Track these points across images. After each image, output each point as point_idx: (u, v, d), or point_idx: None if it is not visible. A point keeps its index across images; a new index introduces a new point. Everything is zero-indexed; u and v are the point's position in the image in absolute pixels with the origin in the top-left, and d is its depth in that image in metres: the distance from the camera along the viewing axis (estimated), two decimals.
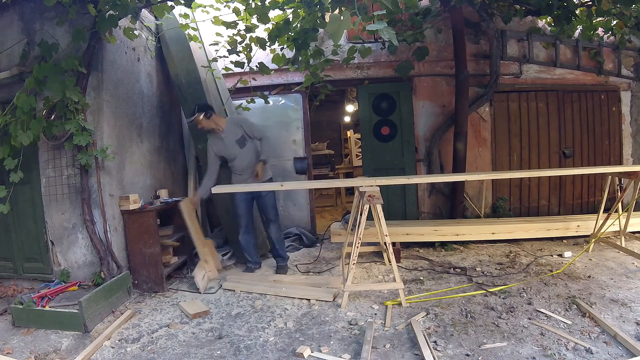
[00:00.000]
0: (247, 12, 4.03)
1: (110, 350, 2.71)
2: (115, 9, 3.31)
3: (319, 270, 4.22)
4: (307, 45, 4.10)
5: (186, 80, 4.38)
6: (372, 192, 3.16)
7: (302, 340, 2.71)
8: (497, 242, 4.69)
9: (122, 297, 3.44)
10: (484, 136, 5.31)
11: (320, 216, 7.01)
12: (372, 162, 5.45)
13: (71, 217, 3.68)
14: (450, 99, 5.13)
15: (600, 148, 5.59)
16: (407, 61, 4.75)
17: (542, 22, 5.33)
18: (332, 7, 3.32)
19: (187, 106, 4.40)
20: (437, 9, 4.75)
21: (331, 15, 2.47)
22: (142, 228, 3.72)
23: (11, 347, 2.78)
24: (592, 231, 4.30)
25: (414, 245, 4.79)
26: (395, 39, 2.47)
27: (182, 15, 4.39)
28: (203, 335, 2.87)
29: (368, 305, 3.20)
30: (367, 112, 5.45)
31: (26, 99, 3.36)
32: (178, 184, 5.08)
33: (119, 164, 3.85)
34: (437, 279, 3.76)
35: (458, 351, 2.45)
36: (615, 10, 4.31)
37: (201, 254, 4.05)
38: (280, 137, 5.56)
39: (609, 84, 5.52)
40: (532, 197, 5.48)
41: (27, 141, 3.35)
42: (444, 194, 5.23)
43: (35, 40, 3.60)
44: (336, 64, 4.91)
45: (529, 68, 5.32)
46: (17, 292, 3.78)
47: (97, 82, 3.66)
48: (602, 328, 2.59)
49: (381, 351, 2.51)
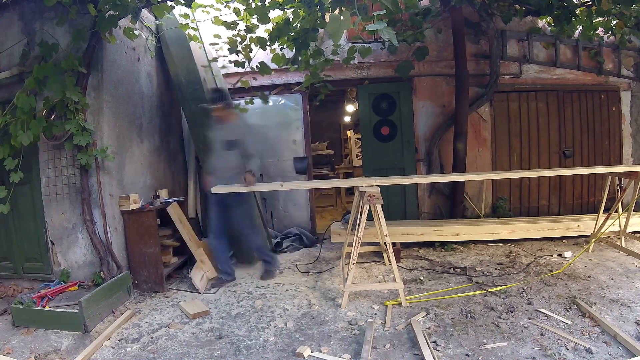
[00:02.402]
0: (247, 12, 4.03)
1: (110, 350, 2.71)
2: (115, 9, 3.31)
3: (319, 270, 4.22)
4: (307, 45, 4.10)
5: (186, 80, 4.38)
6: (372, 192, 3.16)
7: (302, 340, 2.71)
8: (497, 242, 4.69)
9: (122, 297, 3.44)
10: (484, 136, 5.31)
11: (320, 216, 7.01)
12: (372, 162, 5.45)
13: (71, 217, 3.68)
14: (450, 99, 5.13)
15: (600, 148, 5.59)
16: (407, 61, 4.75)
17: (542, 22, 5.33)
18: (332, 7, 3.32)
19: (187, 106, 4.40)
20: (437, 9, 4.75)
21: (331, 15, 2.46)
22: (142, 228, 3.73)
23: (11, 347, 2.78)
24: (592, 231, 4.30)
25: (414, 245, 4.79)
26: (395, 39, 2.47)
27: (182, 15, 4.39)
28: (203, 335, 2.87)
29: (368, 305, 3.20)
30: (367, 112, 5.45)
31: (26, 99, 3.36)
32: (178, 184, 5.08)
33: (119, 164, 3.85)
34: (437, 279, 3.76)
35: (458, 351, 2.45)
36: (615, 10, 4.31)
37: (196, 255, 4.06)
38: (280, 137, 5.56)
39: (609, 84, 5.52)
40: (532, 197, 5.48)
41: (27, 141, 3.35)
42: (444, 194, 5.23)
43: (35, 40, 3.60)
44: (336, 64, 4.91)
45: (529, 68, 5.32)
46: (17, 292, 3.77)
47: (97, 82, 3.66)
48: (602, 328, 2.59)
49: (381, 351, 2.51)
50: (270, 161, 5.58)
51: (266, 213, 5.52)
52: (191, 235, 4.15)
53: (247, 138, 3.88)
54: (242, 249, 4.36)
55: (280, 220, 5.65)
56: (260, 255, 4.18)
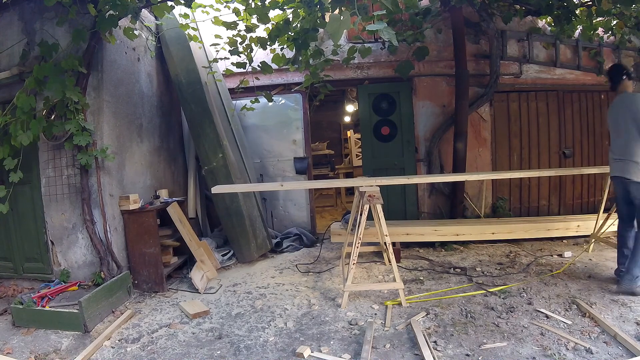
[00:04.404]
0: (247, 12, 4.02)
1: (110, 350, 2.71)
2: (115, 9, 3.31)
3: (319, 270, 4.22)
4: (307, 45, 4.10)
5: (186, 80, 4.38)
6: (372, 192, 3.16)
7: (302, 340, 2.71)
8: (497, 242, 4.69)
9: (122, 297, 3.44)
10: (484, 136, 5.31)
11: (320, 216, 7.01)
12: (372, 162, 5.45)
13: (71, 217, 3.68)
14: (450, 99, 5.13)
15: (600, 148, 5.59)
16: (407, 61, 4.75)
17: (542, 22, 5.33)
18: (332, 7, 3.32)
19: (187, 106, 4.40)
20: (437, 9, 4.75)
21: (331, 15, 2.47)
22: (142, 228, 3.72)
23: (11, 347, 2.78)
24: (592, 231, 4.30)
25: (414, 245, 4.80)
26: (395, 39, 2.47)
27: (182, 15, 4.39)
28: (203, 335, 2.87)
29: (368, 305, 3.20)
30: (367, 112, 5.45)
31: (26, 99, 3.36)
32: (178, 184, 5.08)
33: (119, 164, 3.85)
34: (437, 279, 3.76)
35: (458, 351, 2.45)
36: (615, 10, 4.31)
37: (196, 255, 4.06)
38: (280, 137, 5.56)
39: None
40: (532, 197, 5.48)
41: (27, 141, 3.34)
42: (444, 194, 5.23)
43: (35, 40, 3.60)
44: (336, 64, 4.92)
45: (529, 68, 5.32)
46: (17, 292, 3.77)
47: (97, 82, 3.66)
48: (602, 328, 2.59)
49: (381, 351, 2.51)
50: (270, 161, 5.59)
51: (266, 213, 5.52)
52: (191, 235, 4.15)
53: None
54: (257, 242, 4.19)
55: (280, 220, 5.65)
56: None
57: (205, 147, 4.37)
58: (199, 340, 2.80)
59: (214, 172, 4.36)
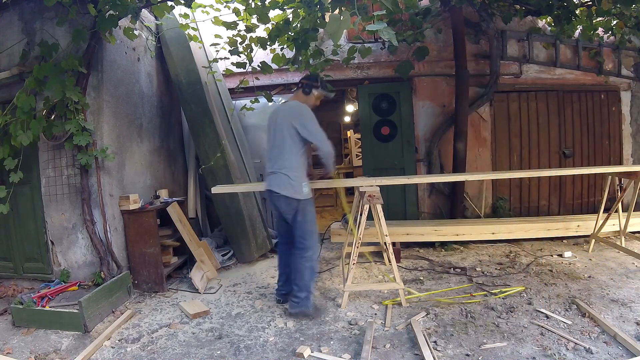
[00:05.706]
0: (247, 12, 4.02)
1: (110, 350, 2.71)
2: (115, 9, 3.31)
3: (319, 270, 4.21)
4: (307, 45, 4.10)
5: (186, 80, 4.38)
6: (372, 192, 3.16)
7: (302, 340, 2.71)
8: (497, 242, 4.69)
9: (122, 297, 3.44)
10: (484, 136, 5.31)
11: (320, 216, 7.00)
12: (372, 162, 5.45)
13: (71, 217, 3.67)
14: (450, 99, 5.13)
15: (600, 148, 5.59)
16: (407, 61, 4.75)
17: (542, 22, 5.33)
18: (332, 7, 3.32)
19: (187, 106, 4.40)
20: (437, 9, 4.75)
21: (331, 15, 2.46)
22: (142, 228, 3.72)
23: (11, 347, 2.78)
24: (592, 231, 4.30)
25: (414, 245, 4.80)
26: (395, 39, 2.47)
27: (182, 15, 4.39)
28: (203, 335, 2.87)
29: (368, 305, 3.20)
30: (367, 112, 5.45)
31: (26, 99, 3.36)
32: (178, 184, 5.08)
33: (119, 164, 3.85)
34: (437, 279, 3.76)
35: (458, 351, 2.45)
36: (615, 10, 4.31)
37: (196, 255, 4.06)
38: None
39: (609, 84, 5.52)
40: (532, 197, 5.48)
41: (27, 141, 3.34)
42: (444, 194, 5.23)
43: (35, 40, 3.60)
44: (336, 64, 4.91)
45: (529, 68, 5.32)
46: (17, 292, 3.77)
47: (97, 82, 3.66)
48: (602, 328, 2.59)
49: (381, 351, 2.51)
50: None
51: (266, 213, 5.51)
52: (191, 235, 4.15)
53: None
54: (257, 241, 4.17)
55: None
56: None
57: (205, 147, 4.37)
58: (199, 340, 2.80)
59: (213, 172, 4.36)
